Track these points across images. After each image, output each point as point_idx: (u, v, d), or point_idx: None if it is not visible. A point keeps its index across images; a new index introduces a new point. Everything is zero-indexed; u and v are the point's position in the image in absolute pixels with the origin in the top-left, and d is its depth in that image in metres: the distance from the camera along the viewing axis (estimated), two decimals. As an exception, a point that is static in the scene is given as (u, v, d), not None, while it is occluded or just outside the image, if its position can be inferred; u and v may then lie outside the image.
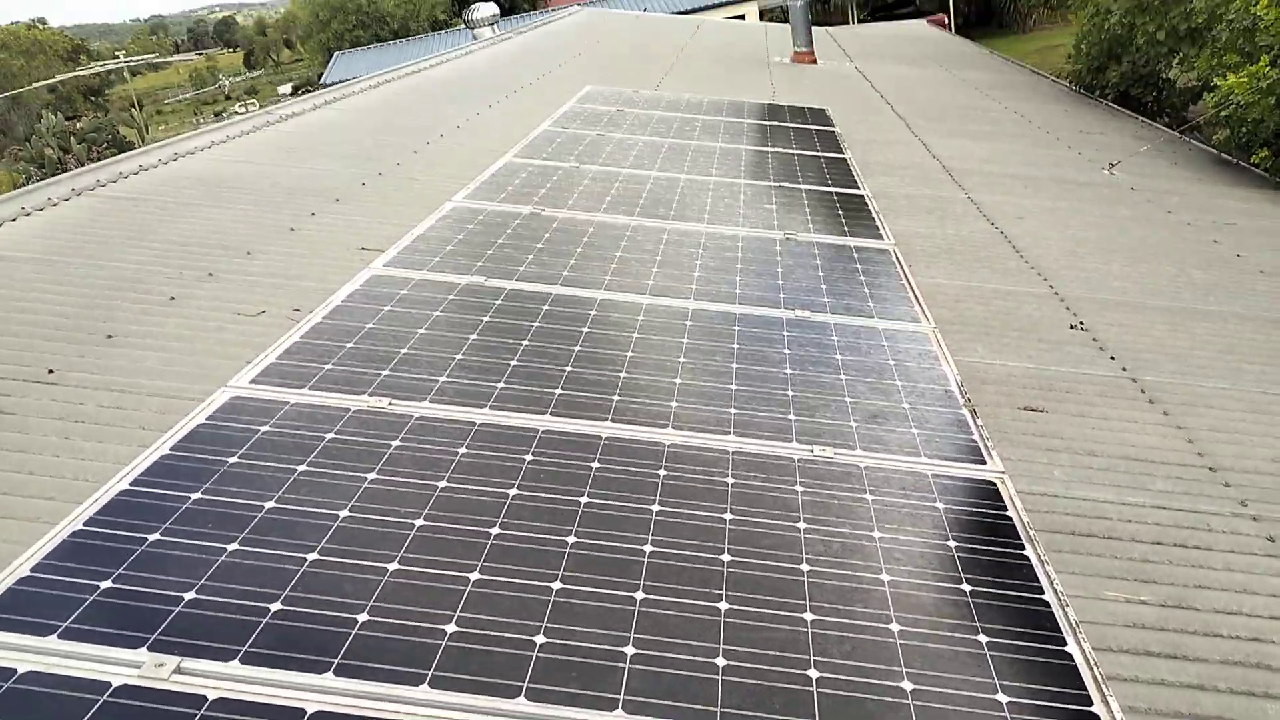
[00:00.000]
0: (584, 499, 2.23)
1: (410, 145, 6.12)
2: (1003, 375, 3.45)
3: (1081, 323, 4.04)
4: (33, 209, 4.48)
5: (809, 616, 1.90)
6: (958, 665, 1.81)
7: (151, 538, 1.96)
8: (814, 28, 12.67)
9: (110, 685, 1.59)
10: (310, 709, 1.58)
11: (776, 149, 6.16)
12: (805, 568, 2.05)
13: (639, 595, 1.93)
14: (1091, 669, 1.84)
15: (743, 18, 32.05)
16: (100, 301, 3.50)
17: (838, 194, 5.11)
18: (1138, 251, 5.18)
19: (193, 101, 61.06)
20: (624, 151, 5.76)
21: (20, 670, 1.61)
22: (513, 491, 2.23)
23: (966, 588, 2.02)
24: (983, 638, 1.88)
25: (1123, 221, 5.78)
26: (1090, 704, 1.76)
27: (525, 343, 3.02)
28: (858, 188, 5.27)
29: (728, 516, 2.21)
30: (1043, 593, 2.04)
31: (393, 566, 1.94)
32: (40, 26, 62.78)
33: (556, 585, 1.93)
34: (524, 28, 14.16)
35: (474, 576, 1.94)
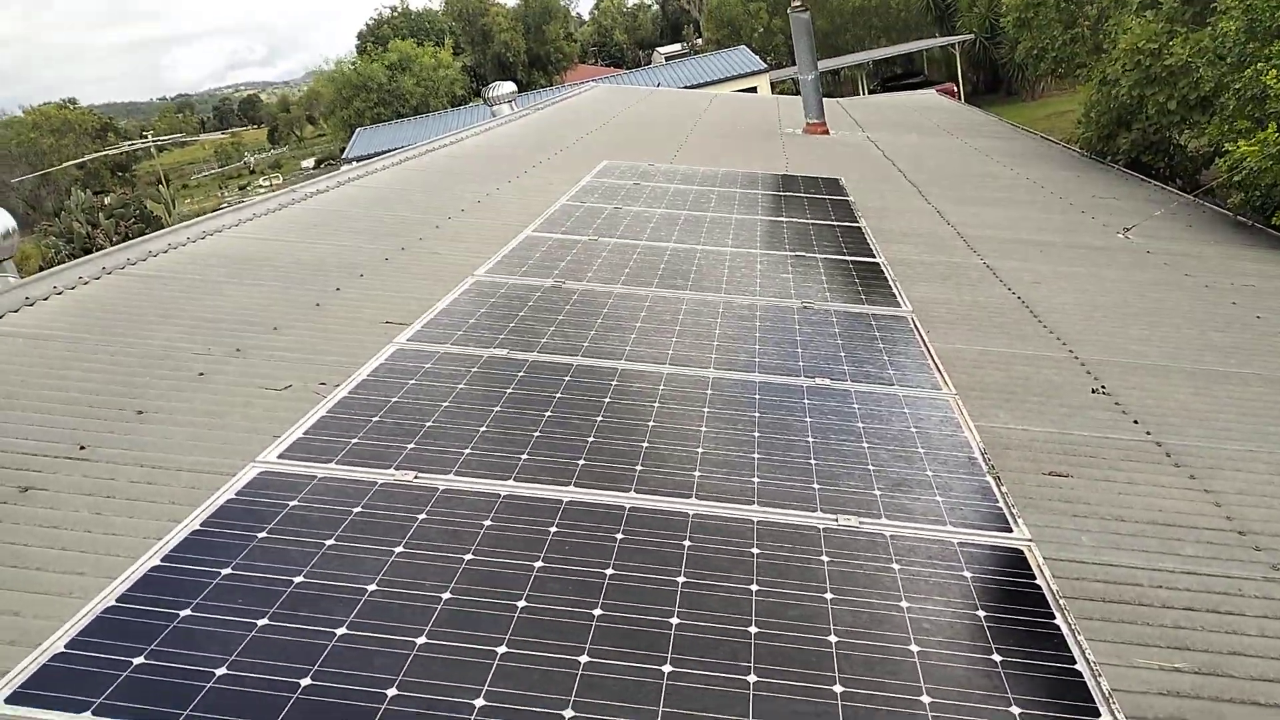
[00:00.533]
0: (609, 571, 2.24)
1: (432, 220, 6.24)
2: (1025, 440, 3.45)
3: (1103, 386, 4.04)
4: (64, 287, 4.58)
5: (838, 689, 1.89)
6: (991, 738, 1.79)
7: (183, 613, 1.98)
8: (825, 99, 12.90)
9: (142, 763, 1.60)
10: (341, 786, 1.57)
11: (791, 218, 6.24)
12: (833, 639, 2.04)
13: (667, 669, 1.92)
14: (1127, 741, 1.82)
15: (755, 90, 32.65)
16: (130, 378, 3.57)
17: (853, 262, 5.16)
18: (1157, 314, 5.20)
19: (218, 176, 62.42)
20: (641, 224, 5.85)
21: (53, 748, 1.62)
22: (538, 563, 2.24)
23: (997, 658, 2.01)
24: (1015, 709, 1.86)
25: (1140, 285, 5.80)
26: (1127, 777, 1.73)
27: (548, 414, 3.05)
28: (873, 255, 5.33)
29: (754, 587, 2.21)
30: (1074, 662, 2.02)
31: (421, 640, 1.95)
32: (70, 106, 64.57)
33: (584, 659, 1.93)
34: (541, 104, 14.48)
35: (501, 650, 1.94)
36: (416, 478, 2.57)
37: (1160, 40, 9.87)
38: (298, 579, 2.11)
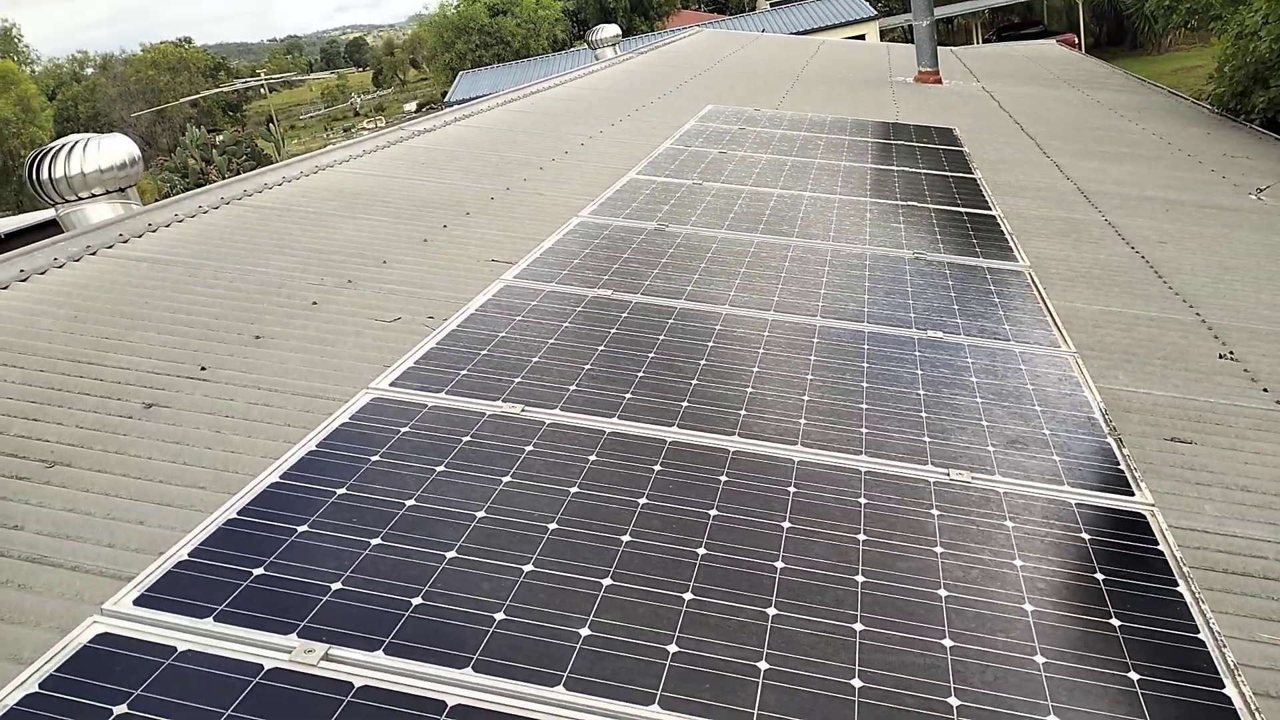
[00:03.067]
0: (713, 511, 2.22)
1: (536, 162, 6.24)
2: (1147, 404, 3.30)
3: (1231, 352, 3.83)
4: (185, 215, 4.73)
5: (948, 643, 1.85)
6: (1107, 703, 1.73)
7: (300, 529, 2.03)
8: (938, 47, 12.44)
9: (262, 668, 1.66)
10: (450, 702, 1.61)
11: (903, 167, 6.06)
12: (943, 593, 1.99)
13: (771, 611, 1.91)
14: (1253, 714, 1.74)
15: (863, 37, 31.72)
16: (248, 304, 3.67)
17: (967, 214, 4.99)
18: (1291, 280, 4.90)
19: (324, 118, 63.72)
20: (746, 169, 5.75)
21: (180, 649, 1.69)
22: (642, 500, 2.24)
23: (1115, 622, 1.93)
24: (1134, 675, 1.80)
25: (1273, 248, 5.48)
26: (1253, 752, 1.66)
27: (651, 355, 3.04)
28: (989, 208, 5.14)
29: (861, 537, 2.17)
30: (1197, 631, 1.94)
31: (528, 568, 1.97)
32: (186, 45, 66.55)
33: (688, 596, 1.93)
34: (644, 48, 14.31)
35: (606, 582, 1.95)
36: (524, 410, 2.59)
37: (1309, -11, 9.22)
38: (409, 502, 2.15)
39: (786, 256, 4.13)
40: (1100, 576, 2.07)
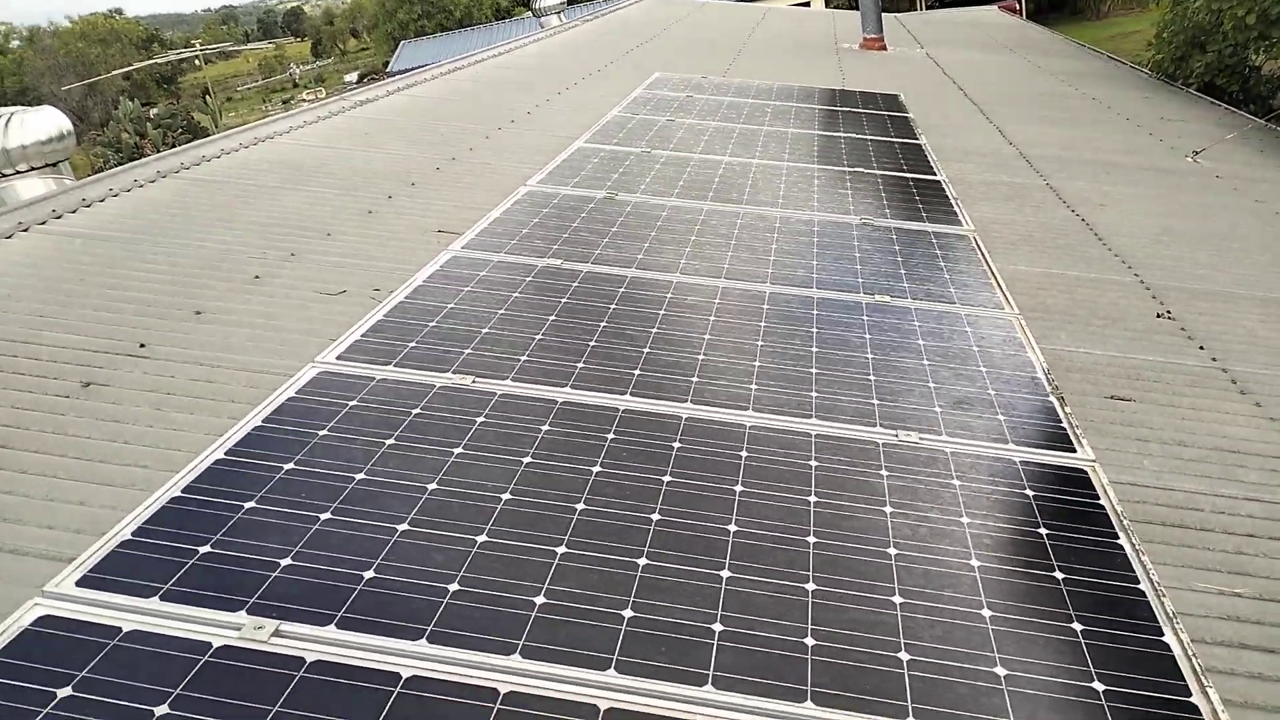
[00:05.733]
0: (667, 478, 2.23)
1: (482, 131, 6.16)
2: (1088, 364, 3.36)
3: (1169, 312, 3.92)
4: (120, 190, 4.60)
5: (898, 599, 1.88)
6: (1052, 652, 1.77)
7: (247, 505, 2.00)
8: (883, 14, 12.47)
9: (211, 645, 1.63)
10: (405, 673, 1.60)
11: (849, 134, 6.08)
12: (893, 551, 2.02)
13: (725, 574, 1.92)
14: (1190, 660, 1.79)
15: (808, 4, 31.68)
16: (187, 279, 3.59)
17: (913, 179, 5.03)
18: (1226, 240, 5.02)
19: (261, 90, 62.27)
20: (695, 136, 5.74)
21: (125, 629, 1.66)
22: (595, 468, 2.24)
23: (1059, 575, 1.98)
24: (1077, 625, 1.84)
25: (1209, 209, 5.60)
26: (1189, 695, 1.71)
27: (603, 324, 3.03)
28: (934, 173, 5.19)
29: (812, 499, 2.19)
30: (1138, 582, 1.99)
31: (481, 539, 1.96)
32: (117, 16, 64.47)
33: (643, 561, 1.94)
34: (590, 15, 14.16)
35: (560, 550, 1.95)
36: (474, 382, 2.57)
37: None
38: (359, 476, 2.13)
39: (736, 224, 4.13)
40: (1044, 531, 2.12)
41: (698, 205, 4.35)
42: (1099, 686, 1.70)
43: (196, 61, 57.98)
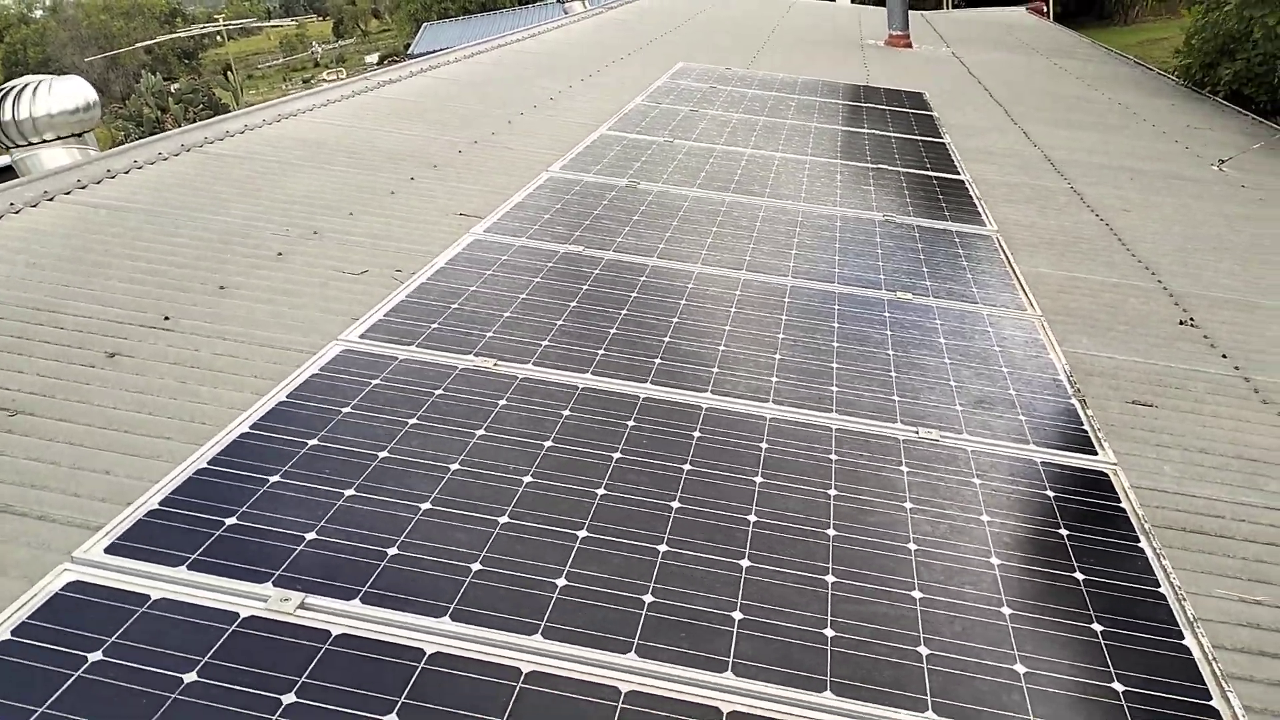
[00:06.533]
0: (687, 466, 2.24)
1: (505, 115, 6.16)
2: (1110, 368, 3.36)
3: (1192, 319, 3.91)
4: (145, 162, 4.61)
5: (917, 595, 1.88)
6: (1071, 652, 1.77)
7: (272, 479, 2.02)
8: (909, 11, 12.41)
9: (238, 616, 1.65)
10: (429, 650, 1.61)
11: (873, 130, 6.06)
12: (912, 546, 2.03)
13: (744, 563, 1.93)
14: (1210, 664, 1.79)
15: None
16: (210, 253, 3.60)
17: (937, 178, 5.01)
18: (1251, 250, 4.99)
19: (283, 67, 62.31)
20: (718, 128, 5.73)
21: (154, 597, 1.68)
22: (616, 455, 2.25)
23: (1079, 576, 1.98)
24: (1097, 626, 1.85)
25: (1234, 219, 5.57)
26: (1209, 698, 1.71)
27: (624, 312, 3.03)
28: (958, 172, 5.17)
29: (832, 492, 2.19)
30: (1158, 585, 1.99)
31: (503, 520, 1.97)
32: (141, -10, 64.49)
33: (663, 548, 1.94)
34: (615, 3, 14.13)
35: (582, 534, 1.96)
36: (496, 365, 2.58)
37: (1275, -39, 9.30)
38: (382, 454, 2.14)
39: (758, 217, 4.13)
40: (1064, 532, 2.12)
41: (720, 197, 4.35)
42: (1119, 687, 1.71)
43: (218, 37, 58.09)
